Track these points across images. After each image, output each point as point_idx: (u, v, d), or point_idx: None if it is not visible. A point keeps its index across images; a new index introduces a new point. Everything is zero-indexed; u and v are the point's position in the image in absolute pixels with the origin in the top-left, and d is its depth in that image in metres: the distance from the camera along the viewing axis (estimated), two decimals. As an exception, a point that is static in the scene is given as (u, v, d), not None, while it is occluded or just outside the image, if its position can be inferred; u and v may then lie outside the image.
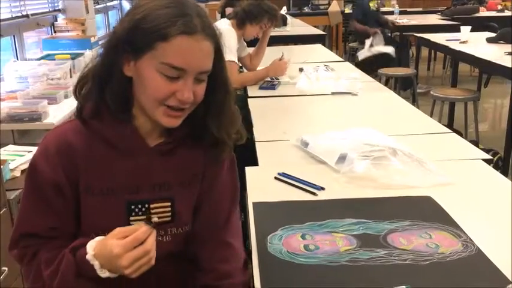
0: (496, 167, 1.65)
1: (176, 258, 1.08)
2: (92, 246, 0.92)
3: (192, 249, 1.08)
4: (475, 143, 2.93)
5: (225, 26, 2.86)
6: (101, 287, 0.95)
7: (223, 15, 3.04)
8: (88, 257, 0.91)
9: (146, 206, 1.01)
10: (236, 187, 1.12)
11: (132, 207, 1.00)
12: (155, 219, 0.92)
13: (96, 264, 0.90)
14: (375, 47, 5.59)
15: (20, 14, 3.31)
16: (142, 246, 0.88)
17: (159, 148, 1.02)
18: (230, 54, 2.77)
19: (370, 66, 5.35)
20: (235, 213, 1.11)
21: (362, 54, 5.66)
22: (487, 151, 2.34)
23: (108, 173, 0.99)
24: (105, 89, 0.96)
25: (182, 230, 1.06)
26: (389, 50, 5.54)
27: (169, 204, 1.03)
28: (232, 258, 1.07)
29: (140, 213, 1.01)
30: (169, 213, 1.03)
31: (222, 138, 1.02)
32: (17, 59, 3.27)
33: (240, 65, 3.22)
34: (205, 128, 1.02)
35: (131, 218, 1.00)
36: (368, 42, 5.67)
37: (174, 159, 1.03)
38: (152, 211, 1.01)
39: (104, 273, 0.90)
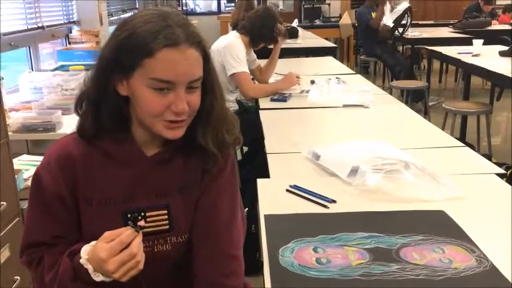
0: (509, 181, 1.63)
1: (177, 268, 1.08)
2: (85, 251, 0.93)
3: (194, 260, 1.05)
4: (488, 157, 2.90)
5: (232, 38, 2.90)
6: None
7: (235, 28, 3.08)
8: (82, 261, 0.92)
9: (142, 214, 1.01)
10: (235, 194, 1.11)
11: (129, 215, 1.00)
12: (141, 222, 0.92)
13: (89, 268, 0.91)
14: (398, 7, 5.75)
15: (35, 26, 3.36)
16: (127, 250, 0.88)
17: (157, 158, 1.04)
18: (241, 66, 2.81)
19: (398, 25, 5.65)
20: (236, 221, 1.08)
21: (389, 20, 5.72)
22: (500, 165, 2.32)
23: (107, 184, 1.01)
24: (101, 110, 0.98)
25: (182, 239, 1.05)
26: (405, 5, 5.69)
27: (165, 212, 1.02)
28: (237, 272, 1.05)
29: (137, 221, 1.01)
30: (167, 222, 1.02)
31: (207, 146, 1.01)
32: (32, 69, 3.32)
33: (252, 77, 3.24)
34: (193, 135, 1.02)
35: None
36: (387, 8, 5.76)
37: (172, 167, 1.04)
38: (148, 219, 1.01)
39: (98, 277, 0.91)
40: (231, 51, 2.83)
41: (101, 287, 0.93)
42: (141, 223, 0.92)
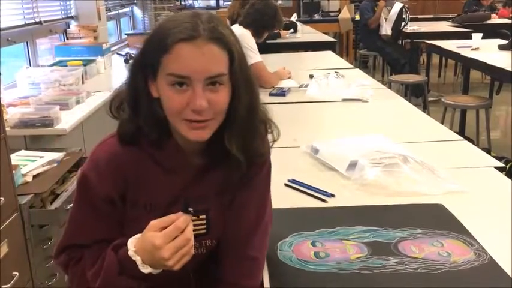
0: (508, 174, 1.62)
1: (205, 269, 1.09)
2: (132, 243, 0.92)
3: (216, 261, 1.07)
4: (487, 151, 2.90)
5: (241, 30, 2.91)
6: (142, 285, 0.94)
7: (233, 23, 3.07)
8: (130, 253, 0.90)
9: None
10: (266, 197, 1.10)
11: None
12: (191, 208, 0.91)
13: (138, 259, 0.90)
14: (391, 11, 5.77)
15: (33, 21, 3.34)
16: (182, 235, 0.87)
17: (201, 165, 1.02)
18: (257, 55, 2.84)
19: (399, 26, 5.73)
20: (261, 225, 1.08)
21: (387, 29, 5.73)
22: (499, 159, 2.31)
23: (154, 189, 1.00)
24: (139, 114, 0.96)
25: (216, 242, 1.06)
26: (399, 6, 5.72)
27: (204, 217, 1.03)
28: (254, 274, 1.05)
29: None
30: (205, 226, 1.04)
31: (232, 151, 0.97)
32: (30, 65, 3.30)
33: None
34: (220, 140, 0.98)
35: None
36: (382, 17, 5.77)
37: (213, 174, 1.03)
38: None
39: (146, 269, 0.90)
40: (243, 42, 2.82)
41: (147, 280, 0.92)
42: (191, 209, 0.90)
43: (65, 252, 1.02)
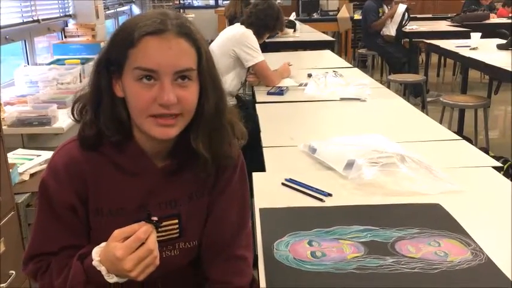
0: (506, 174, 1.63)
1: (184, 271, 1.08)
2: (97, 252, 0.91)
3: (202, 262, 1.08)
4: (485, 150, 2.89)
5: (244, 29, 2.91)
6: None
7: (231, 22, 3.08)
8: (94, 263, 0.90)
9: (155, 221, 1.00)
10: (245, 198, 1.10)
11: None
12: (155, 218, 0.91)
13: (102, 269, 0.89)
14: (396, 13, 5.77)
15: (31, 19, 3.34)
16: (144, 246, 0.86)
17: (167, 168, 1.01)
18: (261, 55, 2.85)
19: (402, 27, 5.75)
20: (246, 225, 1.09)
21: (392, 30, 5.74)
22: (497, 158, 2.31)
23: (117, 194, 0.99)
24: (100, 116, 0.95)
25: (190, 245, 1.06)
26: (403, 7, 5.74)
27: (176, 221, 1.02)
28: (245, 272, 1.07)
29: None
30: (177, 230, 1.03)
31: (198, 150, 0.96)
32: (28, 63, 3.30)
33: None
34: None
35: None
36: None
37: (182, 177, 1.02)
38: (160, 229, 0.99)
39: (112, 279, 0.89)
40: (246, 42, 2.85)
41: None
42: (155, 218, 0.89)
43: (32, 262, 1.01)
